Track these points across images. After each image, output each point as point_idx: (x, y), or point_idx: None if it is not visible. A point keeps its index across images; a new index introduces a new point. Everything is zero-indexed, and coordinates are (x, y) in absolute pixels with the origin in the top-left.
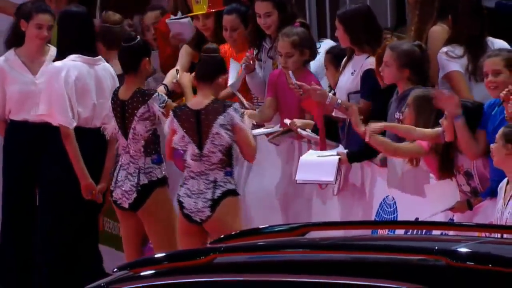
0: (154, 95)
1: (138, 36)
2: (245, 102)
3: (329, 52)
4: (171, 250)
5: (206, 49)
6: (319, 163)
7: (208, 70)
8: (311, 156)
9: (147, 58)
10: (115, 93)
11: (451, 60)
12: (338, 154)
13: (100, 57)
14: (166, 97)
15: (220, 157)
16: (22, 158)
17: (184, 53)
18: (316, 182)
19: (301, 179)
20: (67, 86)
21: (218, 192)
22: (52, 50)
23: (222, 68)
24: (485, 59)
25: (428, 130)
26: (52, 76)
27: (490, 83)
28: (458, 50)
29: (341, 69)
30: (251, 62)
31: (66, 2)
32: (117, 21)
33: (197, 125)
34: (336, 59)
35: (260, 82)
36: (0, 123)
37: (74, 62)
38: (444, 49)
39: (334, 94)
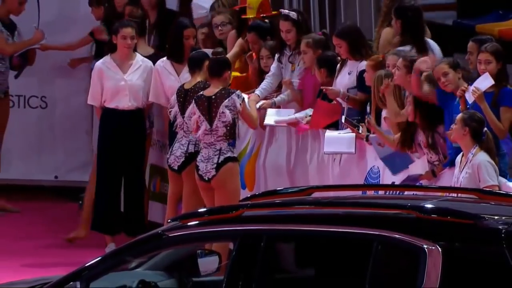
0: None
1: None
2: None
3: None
4: (197, 204)
5: (215, 53)
6: (341, 137)
7: (217, 68)
8: (332, 132)
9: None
10: (180, 88)
11: None
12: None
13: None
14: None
15: (224, 131)
16: (113, 135)
17: (237, 43)
18: (340, 153)
19: (328, 151)
20: None
21: (221, 158)
22: (138, 56)
23: (227, 65)
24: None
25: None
26: None
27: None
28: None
29: (337, 72)
30: None
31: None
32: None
33: (209, 107)
34: (321, 63)
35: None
36: (98, 109)
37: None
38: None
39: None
